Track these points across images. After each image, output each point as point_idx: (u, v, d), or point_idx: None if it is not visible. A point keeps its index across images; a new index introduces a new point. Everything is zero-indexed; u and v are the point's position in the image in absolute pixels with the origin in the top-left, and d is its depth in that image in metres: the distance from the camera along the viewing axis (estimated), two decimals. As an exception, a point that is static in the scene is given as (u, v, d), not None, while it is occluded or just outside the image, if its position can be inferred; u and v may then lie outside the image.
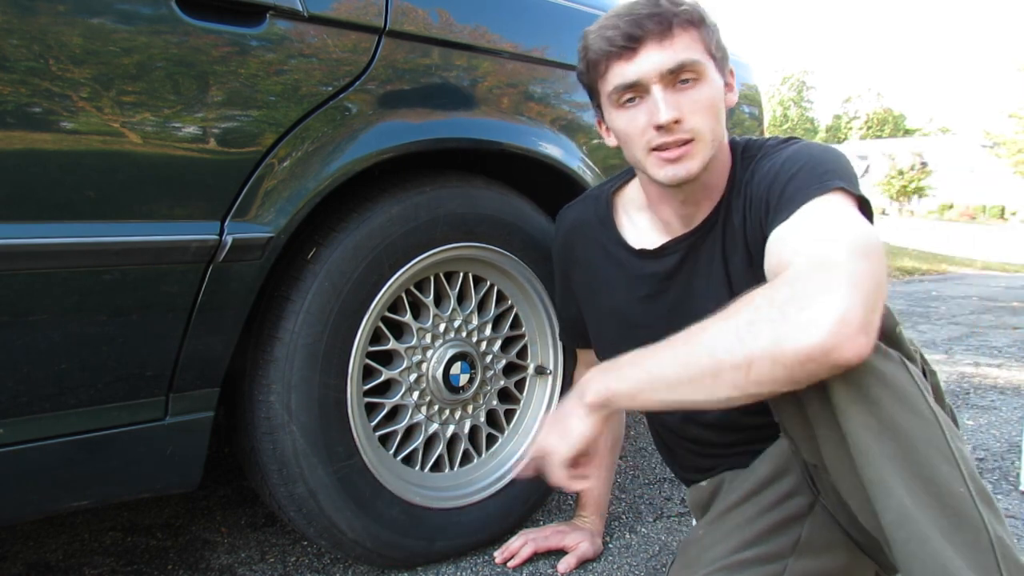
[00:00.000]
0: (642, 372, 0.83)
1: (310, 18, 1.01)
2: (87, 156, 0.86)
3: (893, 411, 0.74)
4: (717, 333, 0.77)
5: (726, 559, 0.99)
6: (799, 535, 0.99)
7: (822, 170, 0.89)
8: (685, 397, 0.80)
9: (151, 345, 0.96)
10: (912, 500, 0.72)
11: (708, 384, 0.77)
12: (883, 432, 0.74)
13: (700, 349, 0.78)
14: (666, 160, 0.95)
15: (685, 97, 0.94)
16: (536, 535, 1.34)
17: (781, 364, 0.72)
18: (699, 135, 0.94)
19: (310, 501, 1.14)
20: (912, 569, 0.72)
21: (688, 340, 0.80)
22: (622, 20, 0.93)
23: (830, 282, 0.73)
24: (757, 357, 0.73)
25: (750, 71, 1.97)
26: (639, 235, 1.12)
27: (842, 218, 0.83)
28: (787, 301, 0.74)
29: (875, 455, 0.73)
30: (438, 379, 1.30)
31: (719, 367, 0.76)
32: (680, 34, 0.93)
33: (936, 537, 0.71)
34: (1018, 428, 2.20)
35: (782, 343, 0.72)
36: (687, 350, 0.79)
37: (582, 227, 1.20)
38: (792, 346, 0.71)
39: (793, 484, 1.01)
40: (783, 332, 0.72)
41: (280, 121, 1.00)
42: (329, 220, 1.16)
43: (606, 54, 0.95)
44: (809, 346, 0.71)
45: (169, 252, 0.93)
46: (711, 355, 0.76)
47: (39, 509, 0.97)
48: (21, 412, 0.89)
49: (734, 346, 0.75)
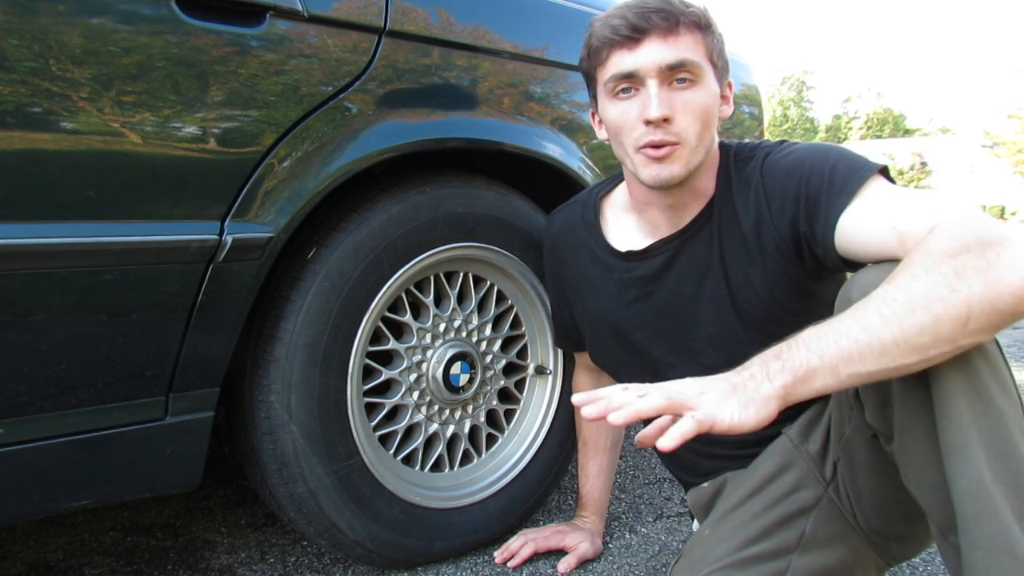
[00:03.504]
0: (846, 340, 0.75)
1: (310, 18, 1.01)
2: (87, 156, 0.86)
3: (989, 384, 0.75)
4: (924, 288, 0.73)
5: (730, 556, 1.00)
6: (804, 529, 0.99)
7: (855, 156, 0.92)
8: (898, 360, 0.74)
9: (151, 345, 0.96)
10: (991, 472, 0.72)
11: (925, 342, 0.72)
12: (977, 401, 0.74)
13: (913, 305, 0.72)
14: (651, 158, 0.96)
15: (679, 97, 0.94)
16: (536, 535, 1.34)
17: (999, 308, 0.72)
18: (685, 140, 0.95)
19: (310, 501, 1.14)
20: (976, 538, 0.73)
21: (889, 301, 0.74)
22: (630, 11, 0.94)
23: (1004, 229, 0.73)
24: (976, 303, 0.71)
25: (750, 71, 1.97)
26: (626, 237, 1.12)
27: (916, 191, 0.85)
28: (982, 247, 0.72)
29: (965, 421, 0.74)
30: (438, 379, 1.30)
31: (937, 320, 0.72)
32: (685, 34, 0.94)
33: (1007, 513, 0.72)
34: (1018, 428, 2.19)
35: (998, 286, 0.71)
36: (895, 310, 0.73)
37: (569, 231, 1.20)
38: (1009, 288, 0.71)
39: (797, 479, 1.01)
40: (995, 276, 0.71)
41: (280, 121, 1.00)
42: (329, 220, 1.16)
43: (609, 41, 0.96)
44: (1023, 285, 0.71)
45: (169, 252, 0.93)
46: (926, 309, 0.72)
47: (39, 509, 0.96)
48: (21, 412, 0.89)
49: (948, 296, 0.71)
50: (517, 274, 1.39)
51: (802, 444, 1.02)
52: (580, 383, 1.40)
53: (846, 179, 0.89)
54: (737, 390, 0.79)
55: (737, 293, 1.02)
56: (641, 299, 1.10)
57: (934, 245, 0.75)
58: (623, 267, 1.11)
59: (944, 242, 0.74)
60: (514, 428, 1.46)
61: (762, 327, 1.01)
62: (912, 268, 0.75)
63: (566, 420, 1.45)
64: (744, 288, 1.01)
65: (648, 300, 1.10)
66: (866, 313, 0.75)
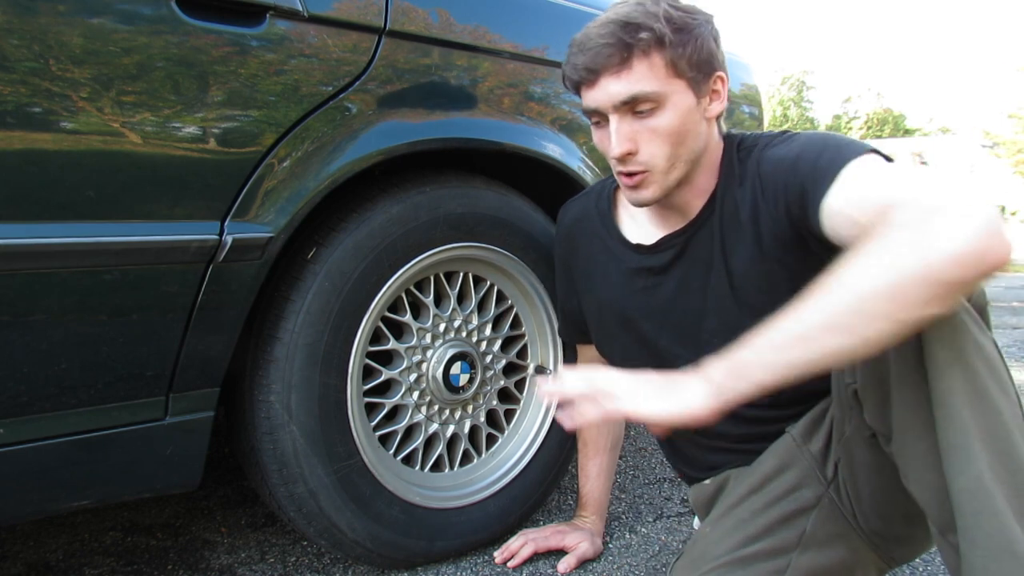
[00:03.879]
0: (774, 334, 0.76)
1: (310, 18, 1.01)
2: (87, 156, 0.86)
3: (988, 383, 0.75)
4: (854, 272, 0.73)
5: (730, 554, 1.00)
6: (804, 528, 0.99)
7: (846, 141, 0.91)
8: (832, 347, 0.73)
9: (151, 345, 0.96)
10: (991, 472, 0.73)
11: (858, 323, 0.71)
12: (976, 401, 0.74)
13: (839, 291, 0.73)
14: (627, 185, 1.00)
15: (643, 126, 0.96)
16: (536, 535, 1.34)
17: (934, 279, 0.69)
18: (653, 167, 0.97)
19: (310, 501, 1.14)
20: (975, 537, 0.73)
21: (823, 287, 0.74)
22: (586, 47, 0.95)
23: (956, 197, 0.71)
24: (909, 278, 0.69)
25: (750, 71, 1.97)
26: (638, 229, 1.14)
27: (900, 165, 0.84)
28: (917, 220, 0.71)
29: (964, 420, 0.74)
30: (438, 379, 1.30)
31: (864, 302, 0.71)
32: (639, 63, 0.93)
33: (1007, 512, 0.72)
34: (1018, 428, 2.20)
35: (930, 257, 0.68)
36: (821, 299, 0.74)
37: (583, 221, 1.21)
38: (942, 256, 0.68)
39: (798, 477, 1.02)
40: (927, 245, 0.69)
41: (280, 121, 1.00)
42: (329, 220, 1.16)
43: (574, 82, 0.99)
44: (962, 250, 0.68)
45: (169, 252, 0.93)
46: (853, 292, 0.72)
47: (39, 509, 0.96)
48: (21, 412, 0.89)
49: (878, 276, 0.70)
50: (517, 274, 1.39)
51: (804, 443, 1.02)
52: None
53: (830, 163, 0.88)
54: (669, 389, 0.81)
55: (739, 285, 1.02)
56: (650, 289, 1.11)
57: (872, 229, 0.75)
58: (632, 258, 1.13)
59: (882, 226, 0.74)
60: (514, 428, 1.46)
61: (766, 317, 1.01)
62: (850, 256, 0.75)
63: (566, 420, 1.45)
64: (745, 280, 1.02)
65: (657, 291, 1.11)
66: (800, 305, 0.75)
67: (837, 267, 0.75)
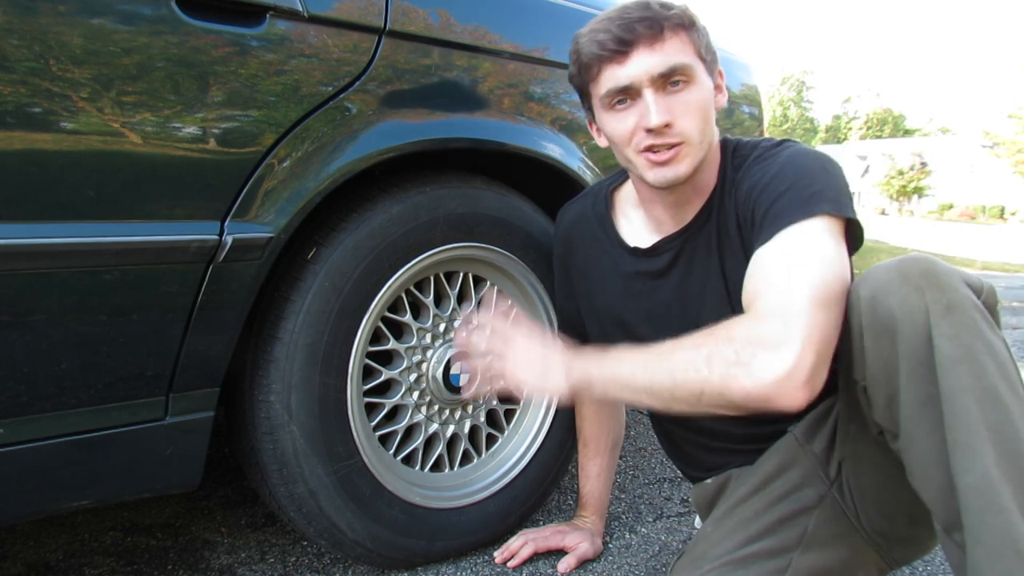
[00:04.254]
0: (616, 370, 0.92)
1: (310, 18, 1.01)
2: (87, 156, 0.86)
3: (996, 381, 0.76)
4: (682, 358, 0.86)
5: (731, 554, 1.00)
6: (806, 528, 0.99)
7: (809, 192, 0.91)
8: (645, 403, 0.90)
9: (151, 345, 0.96)
10: (998, 469, 0.73)
11: (665, 398, 0.87)
12: (984, 398, 0.75)
13: (665, 367, 0.87)
14: (655, 163, 0.97)
15: (676, 100, 0.95)
16: (536, 535, 1.34)
17: (727, 398, 0.82)
18: (688, 138, 0.96)
19: (310, 501, 1.15)
20: (981, 535, 0.73)
21: (660, 355, 0.88)
22: (613, 24, 0.94)
23: (786, 335, 0.80)
24: (708, 389, 0.83)
25: (750, 71, 1.97)
26: (635, 232, 1.14)
27: (815, 255, 0.86)
28: (744, 345, 0.82)
29: (972, 418, 0.75)
30: (438, 379, 1.30)
31: (676, 387, 0.85)
32: (671, 38, 0.94)
33: (1014, 510, 0.72)
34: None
35: (730, 383, 0.81)
36: (655, 365, 0.88)
37: (581, 223, 1.21)
38: (739, 387, 0.81)
39: (800, 477, 1.02)
40: (734, 373, 0.81)
41: (280, 121, 1.00)
42: (329, 220, 1.16)
43: (598, 58, 0.96)
44: (753, 392, 0.80)
45: (169, 252, 0.93)
46: (671, 376, 0.86)
47: (39, 509, 0.96)
48: (21, 412, 0.89)
49: (690, 374, 0.84)
50: (517, 274, 1.39)
51: (807, 443, 1.02)
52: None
53: (776, 216, 0.91)
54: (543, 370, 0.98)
55: (733, 291, 1.03)
56: (647, 293, 1.11)
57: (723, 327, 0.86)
58: (631, 261, 1.13)
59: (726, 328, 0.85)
60: (514, 428, 1.46)
61: None
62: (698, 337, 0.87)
63: (566, 420, 1.45)
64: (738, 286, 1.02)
65: (654, 295, 1.11)
66: (645, 358, 0.89)
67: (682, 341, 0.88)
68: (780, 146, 1.01)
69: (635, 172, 1.02)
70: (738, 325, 0.85)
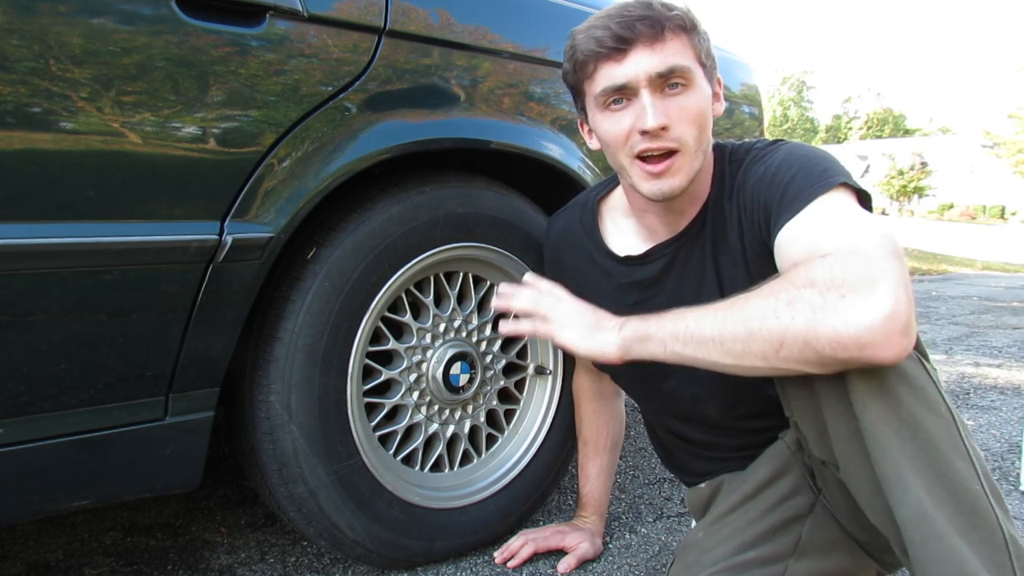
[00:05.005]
0: (678, 324, 0.85)
1: (310, 18, 1.01)
2: (87, 156, 0.86)
3: (913, 408, 0.74)
4: (756, 304, 0.78)
5: (727, 561, 1.00)
6: (799, 535, 0.99)
7: (820, 168, 0.89)
8: (713, 357, 0.81)
9: (151, 345, 0.96)
10: (930, 497, 0.72)
11: (738, 350, 0.79)
12: (903, 428, 0.74)
13: (737, 316, 0.79)
14: (650, 174, 0.94)
15: (673, 103, 0.92)
16: (536, 535, 1.34)
17: (813, 347, 0.72)
18: (684, 145, 0.93)
19: (310, 501, 1.14)
20: (927, 566, 0.73)
21: (730, 306, 0.81)
22: (613, 21, 0.92)
23: (875, 274, 0.71)
24: (791, 336, 0.73)
25: (750, 71, 1.97)
26: (624, 241, 1.12)
27: (860, 214, 0.83)
28: (829, 285, 0.72)
29: (894, 451, 0.74)
30: (438, 379, 1.30)
31: (751, 336, 0.77)
32: (671, 39, 0.92)
33: (952, 534, 0.71)
34: (1018, 428, 2.20)
35: (818, 328, 0.72)
36: (725, 315, 0.80)
37: (569, 236, 1.20)
38: (829, 333, 0.71)
39: (793, 484, 1.01)
40: (822, 317, 0.71)
41: (280, 121, 1.00)
42: (329, 220, 1.16)
43: (595, 55, 0.93)
44: (848, 336, 0.70)
45: (169, 252, 0.93)
46: (746, 324, 0.77)
47: (39, 509, 0.96)
48: (21, 412, 0.89)
49: (769, 321, 0.75)
50: (517, 274, 1.39)
51: (799, 451, 1.02)
52: (580, 384, 1.40)
53: (796, 194, 0.88)
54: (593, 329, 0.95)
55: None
56: (641, 303, 1.10)
57: (794, 272, 0.77)
58: (622, 271, 1.11)
59: (802, 273, 0.76)
60: (514, 428, 1.46)
61: None
62: (766, 286, 0.79)
63: (566, 420, 1.45)
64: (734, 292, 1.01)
65: (648, 304, 1.09)
66: (711, 308, 0.83)
67: (755, 289, 0.80)
68: (773, 145, 1.00)
69: (628, 180, 0.99)
70: (816, 267, 0.75)
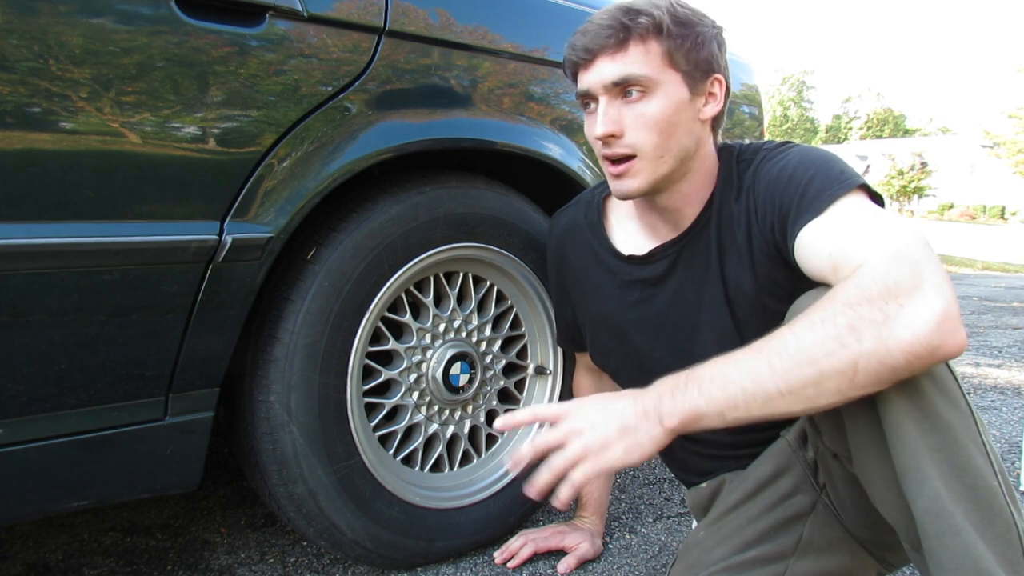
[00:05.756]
0: (734, 387, 0.78)
1: (310, 18, 1.01)
2: (87, 156, 0.86)
3: (935, 401, 0.75)
4: (813, 339, 0.74)
5: (728, 560, 0.99)
6: (801, 534, 0.99)
7: (838, 170, 0.90)
8: (783, 409, 0.77)
9: (151, 345, 0.96)
10: (948, 491, 0.72)
11: (810, 394, 0.75)
12: (925, 421, 0.74)
13: (800, 358, 0.74)
14: (612, 174, 0.99)
15: (631, 110, 0.95)
16: (536, 535, 1.34)
17: (888, 364, 0.71)
18: (640, 150, 0.95)
19: (310, 501, 1.14)
20: (941, 558, 0.73)
21: (781, 349, 0.76)
22: (587, 29, 0.96)
23: (923, 275, 0.72)
24: (863, 361, 0.72)
25: (750, 71, 1.97)
26: (628, 240, 1.12)
27: (886, 215, 0.84)
28: (885, 297, 0.72)
29: (915, 443, 0.74)
30: (438, 379, 1.30)
31: (823, 375, 0.73)
32: (635, 47, 0.93)
33: (968, 529, 0.71)
34: (1018, 428, 2.20)
35: (889, 344, 0.71)
36: (781, 361, 0.75)
37: (573, 232, 1.20)
38: (900, 345, 0.70)
39: (793, 483, 1.01)
40: (888, 332, 0.71)
41: (280, 121, 1.00)
42: (329, 220, 1.16)
43: (572, 63, 0.99)
44: (920, 343, 0.70)
45: (169, 252, 0.93)
46: (813, 363, 0.73)
47: (39, 509, 0.96)
48: (21, 412, 0.89)
49: (837, 351, 0.72)
50: (517, 274, 1.39)
51: (800, 449, 1.02)
52: (580, 384, 1.40)
53: (817, 194, 0.88)
54: (627, 434, 0.82)
55: (733, 299, 1.02)
56: (644, 302, 1.10)
57: (841, 292, 0.75)
58: (626, 269, 1.11)
59: (851, 290, 0.74)
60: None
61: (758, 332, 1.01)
62: (813, 315, 0.76)
63: (566, 420, 1.45)
64: (739, 294, 1.01)
65: (651, 303, 1.09)
66: (758, 360, 0.77)
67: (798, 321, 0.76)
68: (783, 147, 1.00)
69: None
70: (865, 280, 0.74)
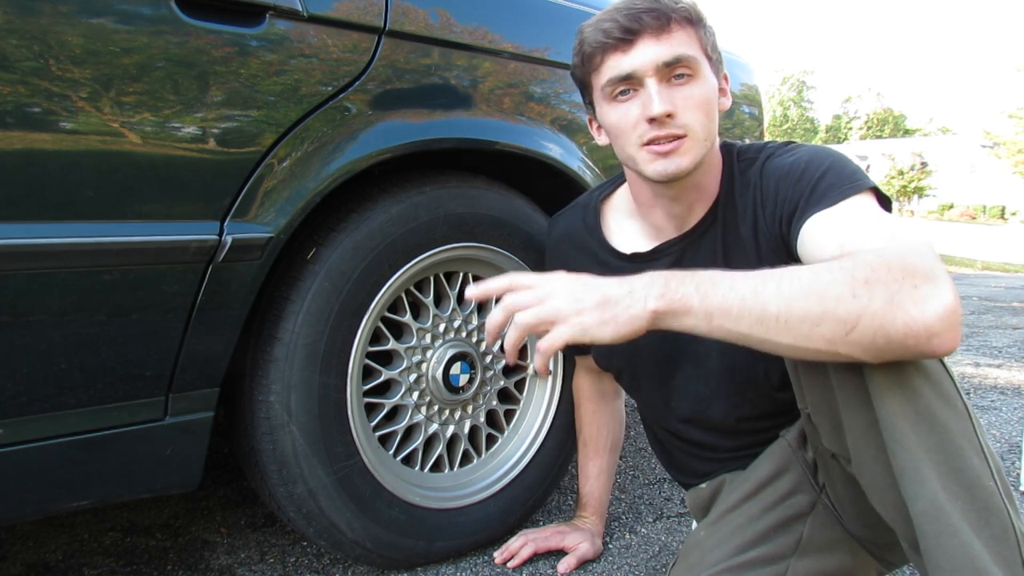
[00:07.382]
0: (734, 295, 0.75)
1: (310, 18, 1.01)
2: (87, 156, 0.86)
3: (931, 401, 0.75)
4: (830, 281, 0.72)
5: (728, 560, 0.99)
6: (801, 534, 0.99)
7: (850, 169, 0.91)
8: (769, 337, 0.74)
9: (151, 345, 0.96)
10: (945, 491, 0.72)
11: (804, 331, 0.72)
12: (921, 422, 0.74)
13: (811, 290, 0.72)
14: (657, 154, 0.94)
15: (679, 92, 0.94)
16: (536, 535, 1.34)
17: (886, 332, 0.70)
18: (691, 131, 0.94)
19: (310, 501, 1.14)
20: (939, 560, 0.73)
21: (792, 277, 0.74)
22: (620, 14, 0.94)
23: (937, 269, 0.72)
24: (867, 318, 0.70)
25: (750, 71, 1.97)
26: (629, 241, 1.12)
27: (896, 220, 0.84)
28: (904, 272, 0.71)
29: (911, 444, 0.74)
30: (438, 379, 1.30)
31: (824, 315, 0.71)
32: (677, 30, 0.94)
33: (966, 530, 0.71)
34: (1018, 428, 2.20)
35: (896, 311, 0.70)
36: (793, 289, 0.73)
37: (571, 236, 1.19)
38: (904, 318, 0.70)
39: (793, 483, 1.01)
40: (899, 301, 0.70)
41: (280, 121, 1.00)
42: (329, 220, 1.16)
43: (602, 46, 0.95)
44: (922, 324, 0.69)
45: (169, 252, 0.93)
46: (821, 301, 0.71)
47: (39, 509, 0.96)
48: (21, 412, 0.89)
49: (846, 299, 0.71)
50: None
51: (799, 449, 1.02)
52: (580, 384, 1.40)
53: (829, 188, 0.88)
54: (607, 305, 0.79)
55: None
56: None
57: (865, 254, 0.74)
58: (628, 269, 1.10)
59: (874, 256, 0.73)
60: (514, 428, 1.46)
61: None
62: (832, 263, 0.74)
63: (566, 421, 1.45)
64: None
65: None
66: (767, 279, 0.75)
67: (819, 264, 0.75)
68: (790, 145, 1.00)
69: (635, 168, 1.00)
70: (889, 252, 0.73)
